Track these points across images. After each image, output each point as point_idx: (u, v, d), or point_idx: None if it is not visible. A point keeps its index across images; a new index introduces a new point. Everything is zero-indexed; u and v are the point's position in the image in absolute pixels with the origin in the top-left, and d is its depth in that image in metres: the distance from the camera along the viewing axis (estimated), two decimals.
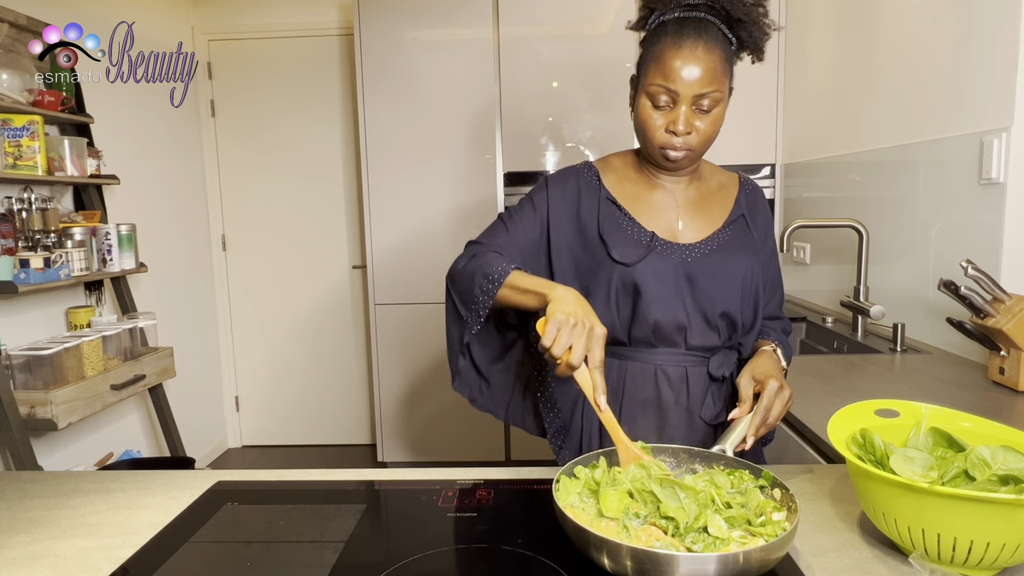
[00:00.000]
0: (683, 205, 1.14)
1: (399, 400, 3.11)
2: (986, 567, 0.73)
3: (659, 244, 1.09)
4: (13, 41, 2.18)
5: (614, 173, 1.16)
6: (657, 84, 1.01)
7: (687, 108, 1.01)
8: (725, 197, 1.17)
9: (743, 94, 2.86)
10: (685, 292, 1.08)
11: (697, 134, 1.04)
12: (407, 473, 1.06)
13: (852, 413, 0.88)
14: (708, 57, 0.99)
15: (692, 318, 1.08)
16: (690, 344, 1.09)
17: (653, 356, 1.10)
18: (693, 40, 0.99)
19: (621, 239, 1.09)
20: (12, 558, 0.82)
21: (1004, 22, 1.52)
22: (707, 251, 1.10)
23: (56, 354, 2.02)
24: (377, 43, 2.92)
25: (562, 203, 1.13)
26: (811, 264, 2.61)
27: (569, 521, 0.74)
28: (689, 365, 1.10)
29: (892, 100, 2.00)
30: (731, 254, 1.10)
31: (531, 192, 1.17)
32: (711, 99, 1.01)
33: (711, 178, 1.19)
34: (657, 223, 1.12)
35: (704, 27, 1.00)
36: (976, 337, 1.45)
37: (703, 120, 1.03)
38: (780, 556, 0.72)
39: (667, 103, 1.02)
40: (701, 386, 1.11)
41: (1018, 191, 1.51)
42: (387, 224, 3.02)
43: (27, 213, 2.11)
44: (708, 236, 1.12)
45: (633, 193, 1.14)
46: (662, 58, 1.00)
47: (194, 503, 0.97)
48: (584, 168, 1.17)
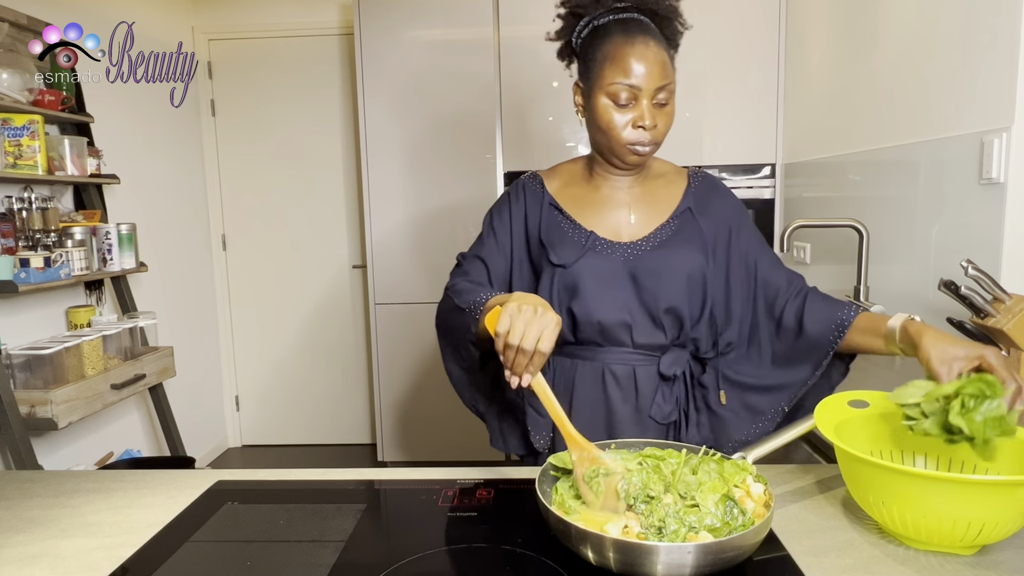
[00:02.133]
0: (627, 203, 1.15)
1: (399, 400, 3.11)
2: (968, 545, 0.75)
3: (599, 243, 1.10)
4: (13, 41, 2.18)
5: (559, 179, 1.19)
6: (618, 82, 1.02)
7: (648, 102, 1.03)
8: (672, 192, 1.16)
9: (743, 94, 2.88)
10: (628, 290, 1.09)
11: (660, 127, 1.06)
12: (407, 473, 1.06)
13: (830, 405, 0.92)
14: (659, 51, 1.03)
15: (636, 316, 1.09)
16: (637, 343, 1.10)
17: (601, 355, 1.11)
18: (643, 36, 1.03)
19: (560, 241, 1.11)
20: (12, 557, 0.82)
21: (1004, 22, 1.52)
22: (649, 248, 1.10)
23: (56, 353, 2.02)
24: (377, 43, 2.92)
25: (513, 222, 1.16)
26: (811, 264, 2.61)
27: (552, 515, 0.75)
28: (637, 364, 1.11)
29: (892, 100, 2.00)
30: (674, 249, 1.10)
31: (491, 218, 1.19)
32: (667, 91, 1.05)
33: (659, 172, 1.19)
34: (599, 223, 1.13)
35: (644, 25, 1.04)
36: (976, 337, 1.45)
37: (661, 114, 1.06)
38: (758, 542, 0.73)
39: (629, 100, 1.04)
40: (650, 385, 1.10)
41: (1018, 191, 1.51)
42: (387, 223, 3.02)
43: (27, 212, 2.11)
44: (651, 232, 1.12)
45: (577, 196, 1.16)
46: (617, 56, 1.02)
47: (194, 503, 0.97)
48: (529, 179, 1.20)
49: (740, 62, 2.84)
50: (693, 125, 2.89)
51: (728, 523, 0.75)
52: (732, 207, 1.18)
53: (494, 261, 1.16)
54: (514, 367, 0.86)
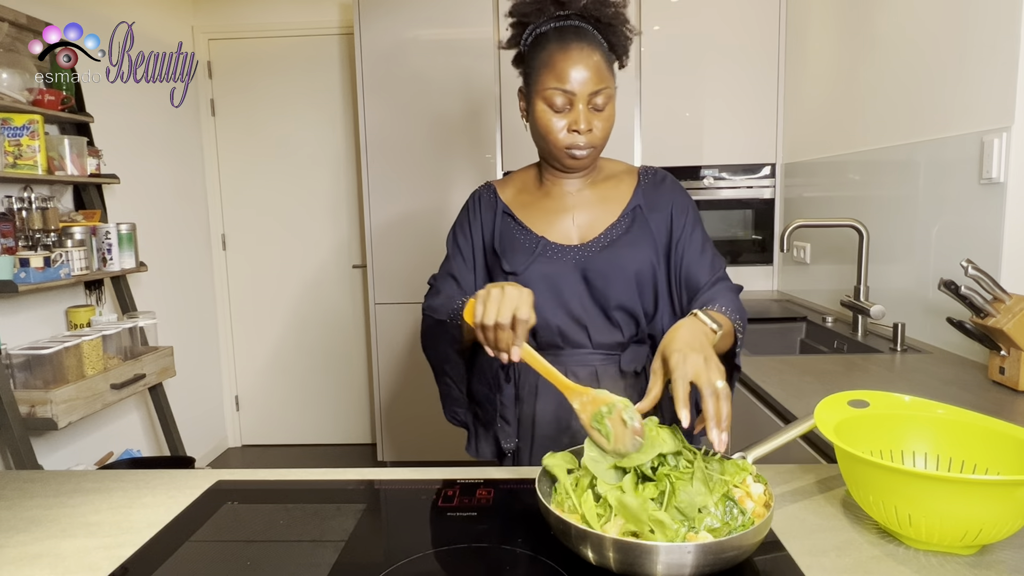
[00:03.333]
0: (576, 206, 1.16)
1: (399, 400, 3.11)
2: (968, 545, 0.75)
3: (549, 248, 1.12)
4: (13, 40, 2.18)
5: (512, 187, 1.22)
6: (552, 87, 1.05)
7: (584, 107, 1.06)
8: (622, 192, 1.18)
9: (743, 94, 2.88)
10: (580, 292, 1.11)
11: (596, 131, 1.08)
12: (407, 473, 1.06)
13: (830, 404, 0.92)
14: (593, 57, 1.05)
15: (591, 317, 1.11)
16: (596, 342, 1.12)
17: (562, 357, 1.13)
18: (578, 43, 1.05)
19: (512, 249, 1.14)
20: (12, 557, 0.82)
21: (1004, 22, 1.52)
22: (598, 249, 1.12)
23: (56, 353, 2.02)
24: (377, 43, 2.92)
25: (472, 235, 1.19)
26: (811, 264, 2.61)
27: (552, 514, 0.76)
28: (599, 364, 1.12)
29: (892, 100, 2.00)
30: (622, 249, 1.12)
31: (455, 235, 1.21)
32: (604, 96, 1.06)
33: (609, 174, 1.20)
34: (550, 228, 1.15)
35: (582, 32, 1.07)
36: (976, 337, 1.45)
37: (599, 118, 1.08)
38: (758, 542, 0.73)
39: (564, 105, 1.06)
40: (613, 383, 1.12)
41: (1018, 191, 1.51)
42: (387, 223, 3.02)
43: (27, 212, 2.11)
44: (599, 234, 1.13)
45: (528, 202, 1.18)
46: (552, 63, 1.05)
47: (194, 502, 0.97)
48: (484, 189, 1.23)
49: (740, 62, 2.84)
50: (693, 125, 2.89)
51: (728, 523, 0.75)
52: (680, 199, 1.17)
53: (464, 276, 1.18)
54: (499, 344, 0.88)
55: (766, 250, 2.97)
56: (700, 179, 2.92)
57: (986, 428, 0.84)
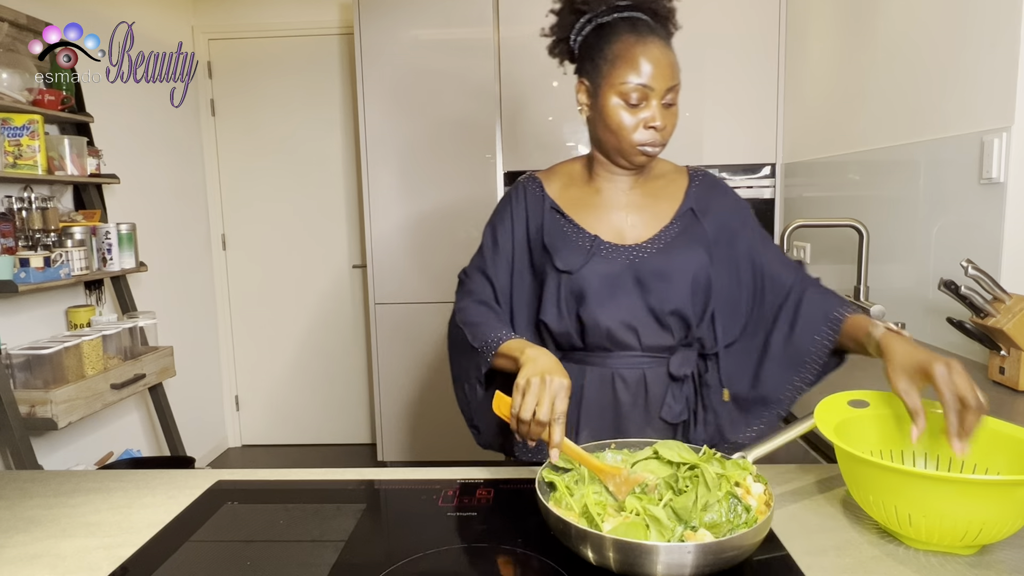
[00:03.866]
0: (629, 205, 1.13)
1: (399, 400, 3.11)
2: (968, 545, 0.76)
3: (603, 247, 1.09)
4: (13, 40, 2.18)
5: (558, 181, 1.17)
6: (630, 82, 1.01)
7: (658, 103, 1.03)
8: (673, 192, 1.16)
9: (743, 94, 2.87)
10: (633, 294, 1.08)
11: (668, 129, 1.06)
12: (407, 473, 1.06)
13: (830, 405, 0.92)
14: (669, 51, 1.03)
15: (643, 319, 1.08)
16: (645, 345, 1.09)
17: (610, 360, 1.11)
18: (652, 36, 1.02)
19: (564, 246, 1.10)
20: (12, 557, 0.82)
21: (1004, 22, 1.52)
22: (654, 250, 1.10)
23: (56, 353, 2.02)
24: (377, 43, 2.92)
25: (515, 228, 1.15)
26: (811, 264, 2.61)
27: (552, 514, 0.76)
28: (647, 367, 1.10)
29: (892, 100, 2.00)
30: (678, 251, 1.10)
31: (494, 228, 1.17)
32: (675, 92, 1.05)
33: (659, 173, 1.18)
34: (602, 226, 1.12)
35: (649, 25, 1.04)
36: (976, 337, 1.45)
37: (670, 114, 1.06)
38: (758, 541, 0.73)
39: (640, 100, 1.03)
40: (660, 387, 1.10)
41: (1018, 191, 1.51)
42: (387, 223, 3.02)
43: (27, 212, 2.11)
44: (655, 234, 1.11)
45: (577, 198, 1.15)
46: (630, 56, 1.01)
47: (194, 502, 0.97)
48: (528, 181, 1.18)
49: (740, 62, 2.84)
50: (693, 125, 2.89)
51: (731, 520, 0.75)
52: (734, 204, 1.18)
53: (498, 275, 1.15)
54: (532, 435, 0.87)
55: None
56: None
57: (986, 428, 0.84)
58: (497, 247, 1.16)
